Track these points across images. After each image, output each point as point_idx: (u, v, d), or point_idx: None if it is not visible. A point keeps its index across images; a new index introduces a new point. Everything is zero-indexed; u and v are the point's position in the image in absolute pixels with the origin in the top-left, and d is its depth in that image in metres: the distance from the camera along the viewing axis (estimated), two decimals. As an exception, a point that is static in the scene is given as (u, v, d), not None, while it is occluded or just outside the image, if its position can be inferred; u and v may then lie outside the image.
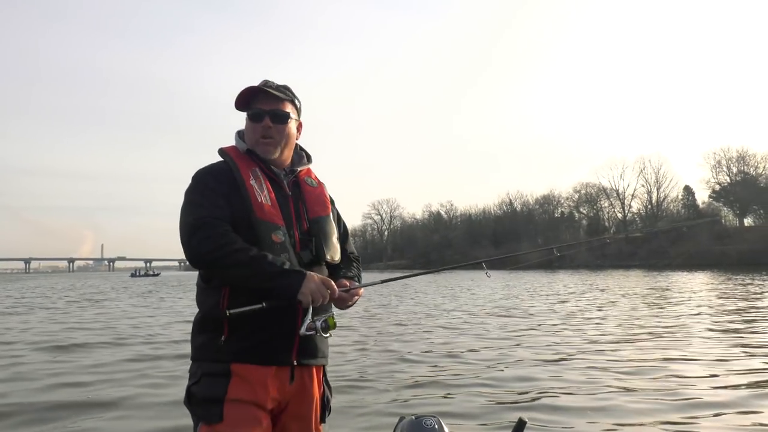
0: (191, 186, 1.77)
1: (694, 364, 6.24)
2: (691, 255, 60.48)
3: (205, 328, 1.72)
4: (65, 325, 11.67)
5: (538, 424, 4.09)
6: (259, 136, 1.82)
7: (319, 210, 1.88)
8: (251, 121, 1.84)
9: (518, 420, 1.72)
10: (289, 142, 1.87)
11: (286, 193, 1.83)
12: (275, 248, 1.69)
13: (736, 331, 8.83)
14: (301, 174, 1.93)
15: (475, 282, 30.42)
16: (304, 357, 1.74)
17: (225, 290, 1.68)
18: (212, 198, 1.70)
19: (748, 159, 71.55)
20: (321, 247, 1.82)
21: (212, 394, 1.63)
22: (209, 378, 1.66)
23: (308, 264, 1.77)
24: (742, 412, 4.28)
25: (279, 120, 1.83)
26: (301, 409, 1.75)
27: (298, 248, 1.77)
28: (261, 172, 1.80)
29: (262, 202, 1.72)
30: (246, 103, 1.85)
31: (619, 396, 4.84)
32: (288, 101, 1.87)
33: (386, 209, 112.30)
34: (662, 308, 13.11)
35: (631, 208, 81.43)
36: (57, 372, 6.46)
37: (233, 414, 1.61)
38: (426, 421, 1.98)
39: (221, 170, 1.79)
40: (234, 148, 1.88)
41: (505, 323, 10.74)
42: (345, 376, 5.94)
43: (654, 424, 4.02)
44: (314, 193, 1.92)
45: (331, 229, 1.89)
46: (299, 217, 1.82)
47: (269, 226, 1.71)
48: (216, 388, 1.63)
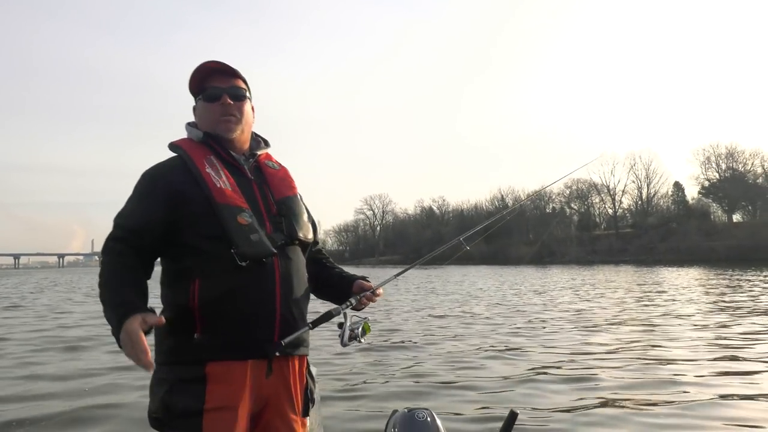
0: (133, 189, 1.69)
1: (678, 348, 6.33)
2: (680, 251, 61.15)
3: (174, 328, 1.58)
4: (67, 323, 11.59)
5: (530, 416, 4.13)
6: (219, 116, 1.72)
7: (284, 190, 1.80)
8: (207, 102, 1.74)
9: (510, 412, 1.72)
10: (248, 122, 1.79)
11: (247, 177, 1.73)
12: (243, 231, 1.59)
13: (719, 323, 8.96)
14: (262, 158, 1.84)
15: (467, 277, 30.56)
16: (285, 347, 1.63)
17: (195, 283, 1.57)
18: (138, 205, 1.63)
19: (737, 155, 72.44)
20: (292, 226, 1.72)
21: (189, 406, 1.51)
22: (183, 385, 1.54)
23: (282, 246, 1.67)
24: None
25: (238, 98, 1.75)
26: (283, 403, 1.66)
27: (269, 230, 1.67)
28: (217, 159, 1.71)
29: (221, 187, 1.63)
30: (199, 86, 1.76)
31: (607, 383, 4.91)
32: (242, 80, 1.79)
33: (378, 204, 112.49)
34: (669, 302, 13.25)
35: (621, 204, 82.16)
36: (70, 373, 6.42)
37: (213, 426, 1.50)
38: (418, 413, 1.99)
39: (172, 167, 1.69)
40: (187, 140, 1.78)
41: (501, 317, 10.82)
42: (337, 370, 5.96)
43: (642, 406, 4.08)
44: (277, 175, 1.83)
45: (300, 209, 1.80)
46: (266, 200, 1.73)
47: (232, 209, 1.61)
48: (192, 398, 1.52)
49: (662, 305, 12.52)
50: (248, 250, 1.58)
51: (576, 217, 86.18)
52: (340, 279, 1.91)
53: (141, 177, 1.70)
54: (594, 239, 76.13)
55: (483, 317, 11.02)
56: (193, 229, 1.60)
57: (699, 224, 66.03)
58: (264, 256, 1.60)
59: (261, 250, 1.60)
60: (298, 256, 1.75)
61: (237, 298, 1.57)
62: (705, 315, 10.46)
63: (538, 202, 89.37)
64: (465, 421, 4.12)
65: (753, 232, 58.76)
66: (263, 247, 1.61)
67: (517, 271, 40.30)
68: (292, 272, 1.68)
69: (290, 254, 1.70)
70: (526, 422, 4.03)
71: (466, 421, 4.12)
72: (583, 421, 4.07)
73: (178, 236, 1.62)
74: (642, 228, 71.93)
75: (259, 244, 1.60)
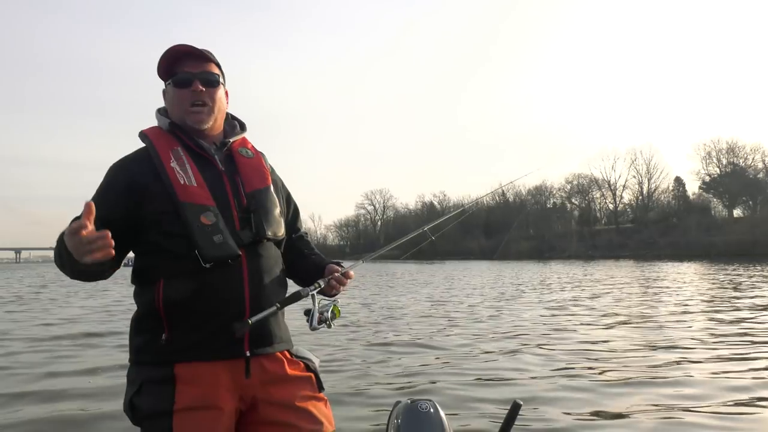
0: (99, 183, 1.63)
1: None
2: (680, 246, 61.22)
3: (143, 327, 1.56)
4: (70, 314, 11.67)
5: (533, 407, 4.17)
6: (188, 104, 1.62)
7: (256, 182, 1.69)
8: (177, 88, 1.63)
9: (513, 403, 1.71)
10: (221, 109, 1.70)
11: (218, 170, 1.64)
12: (206, 232, 1.52)
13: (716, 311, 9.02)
14: (235, 145, 1.73)
15: (469, 271, 30.60)
16: (258, 346, 1.56)
17: (159, 283, 1.53)
18: (100, 201, 1.48)
19: (738, 150, 72.35)
20: (261, 223, 1.63)
21: (157, 407, 1.46)
22: (151, 386, 1.49)
23: (249, 244, 1.59)
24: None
25: (210, 84, 1.64)
26: (282, 393, 1.59)
27: (238, 227, 1.59)
28: (184, 151, 1.61)
29: (185, 184, 1.55)
30: (169, 70, 1.64)
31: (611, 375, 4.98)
32: (215, 64, 1.68)
33: (379, 199, 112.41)
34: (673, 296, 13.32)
35: (622, 199, 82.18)
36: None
37: (184, 426, 1.45)
38: (421, 404, 2.03)
39: (137, 160, 1.61)
40: (155, 129, 1.68)
41: (499, 311, 10.87)
42: (338, 362, 6.03)
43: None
44: (250, 165, 1.72)
45: (271, 203, 1.70)
46: (236, 193, 1.63)
47: (195, 208, 1.53)
48: (161, 398, 1.46)
49: (667, 300, 12.58)
50: (211, 252, 1.51)
51: (576, 213, 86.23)
52: (313, 265, 1.81)
53: (108, 169, 1.63)
54: (594, 234, 76.22)
55: (488, 310, 11.07)
56: (156, 227, 1.55)
57: (699, 219, 66.07)
58: (228, 258, 1.53)
59: (224, 252, 1.53)
60: (270, 251, 1.67)
61: (203, 299, 1.51)
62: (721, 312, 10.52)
63: (538, 197, 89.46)
64: (468, 411, 4.17)
65: (752, 227, 58.83)
66: (227, 248, 1.53)
67: (519, 267, 40.28)
68: (263, 270, 1.61)
69: (260, 251, 1.62)
70: (530, 413, 4.06)
71: (469, 412, 4.17)
72: (588, 412, 4.11)
73: (143, 233, 1.57)
74: (642, 223, 72.01)
75: (223, 246, 1.53)
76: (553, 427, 3.85)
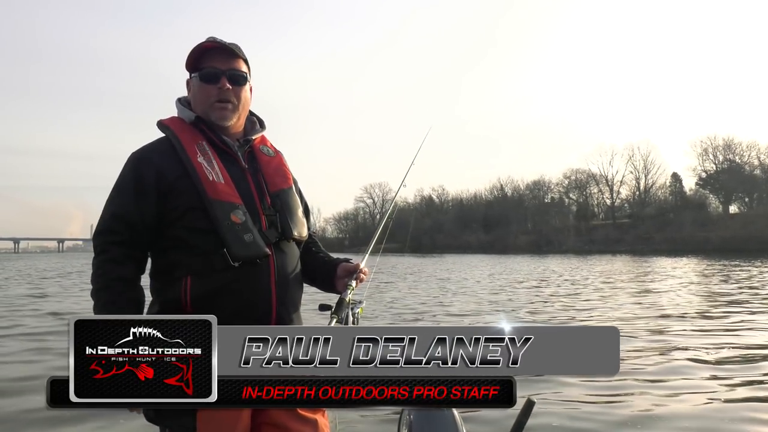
0: (120, 175, 1.59)
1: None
2: (676, 241, 61.85)
3: None
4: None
5: (547, 400, 4.24)
6: (215, 100, 1.60)
7: (279, 182, 1.69)
8: (204, 83, 1.60)
9: (527, 400, 1.62)
10: (245, 107, 1.68)
11: (241, 166, 1.62)
12: (236, 231, 1.51)
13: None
14: (256, 143, 1.71)
15: (471, 265, 30.82)
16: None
17: (186, 279, 1.52)
18: (130, 196, 1.54)
19: (734, 147, 72.86)
20: (287, 223, 1.63)
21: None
22: None
23: (276, 243, 1.60)
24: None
25: (237, 81, 1.61)
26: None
27: (264, 227, 1.59)
28: (209, 146, 1.60)
29: (214, 181, 1.53)
30: (197, 63, 1.62)
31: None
32: (243, 60, 1.65)
33: (378, 193, 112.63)
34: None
35: (619, 195, 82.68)
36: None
37: (208, 423, 1.43)
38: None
39: (161, 152, 1.58)
40: (176, 120, 1.65)
41: (499, 306, 11.18)
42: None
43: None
44: (272, 164, 1.71)
45: (295, 203, 1.71)
46: (261, 192, 1.63)
47: (225, 206, 1.52)
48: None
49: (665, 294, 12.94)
50: (241, 251, 1.52)
51: (574, 208, 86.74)
52: (325, 264, 1.83)
53: (128, 161, 1.60)
54: (591, 229, 76.80)
55: (495, 303, 11.29)
56: (182, 222, 1.54)
57: (695, 215, 66.69)
58: (257, 257, 1.54)
59: (254, 251, 1.53)
60: (293, 250, 1.68)
61: (231, 297, 1.52)
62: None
63: (536, 191, 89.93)
64: (481, 411, 3.94)
65: (748, 224, 59.41)
66: (257, 248, 1.54)
67: (519, 260, 40.58)
68: (288, 269, 1.63)
69: (285, 249, 1.64)
70: (543, 412, 4.01)
71: (482, 411, 3.92)
72: (599, 410, 4.13)
73: (167, 228, 1.56)
74: (639, 218, 72.60)
75: (253, 245, 1.53)
76: (567, 425, 3.81)
